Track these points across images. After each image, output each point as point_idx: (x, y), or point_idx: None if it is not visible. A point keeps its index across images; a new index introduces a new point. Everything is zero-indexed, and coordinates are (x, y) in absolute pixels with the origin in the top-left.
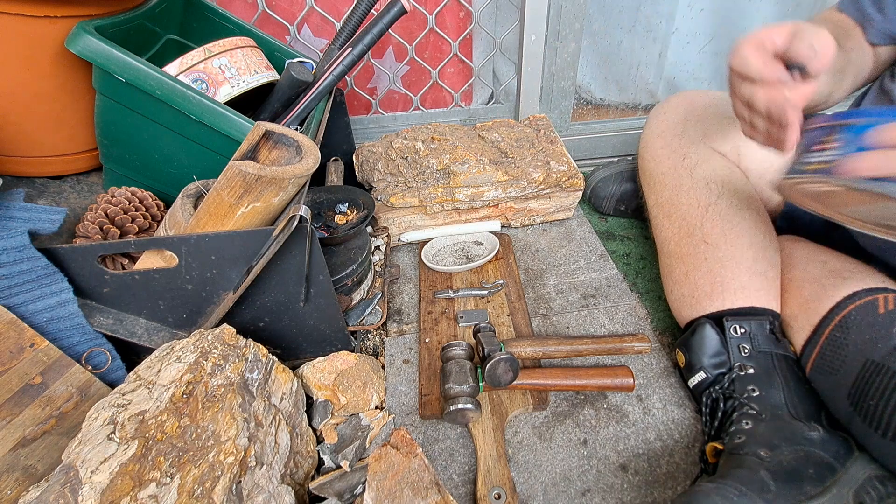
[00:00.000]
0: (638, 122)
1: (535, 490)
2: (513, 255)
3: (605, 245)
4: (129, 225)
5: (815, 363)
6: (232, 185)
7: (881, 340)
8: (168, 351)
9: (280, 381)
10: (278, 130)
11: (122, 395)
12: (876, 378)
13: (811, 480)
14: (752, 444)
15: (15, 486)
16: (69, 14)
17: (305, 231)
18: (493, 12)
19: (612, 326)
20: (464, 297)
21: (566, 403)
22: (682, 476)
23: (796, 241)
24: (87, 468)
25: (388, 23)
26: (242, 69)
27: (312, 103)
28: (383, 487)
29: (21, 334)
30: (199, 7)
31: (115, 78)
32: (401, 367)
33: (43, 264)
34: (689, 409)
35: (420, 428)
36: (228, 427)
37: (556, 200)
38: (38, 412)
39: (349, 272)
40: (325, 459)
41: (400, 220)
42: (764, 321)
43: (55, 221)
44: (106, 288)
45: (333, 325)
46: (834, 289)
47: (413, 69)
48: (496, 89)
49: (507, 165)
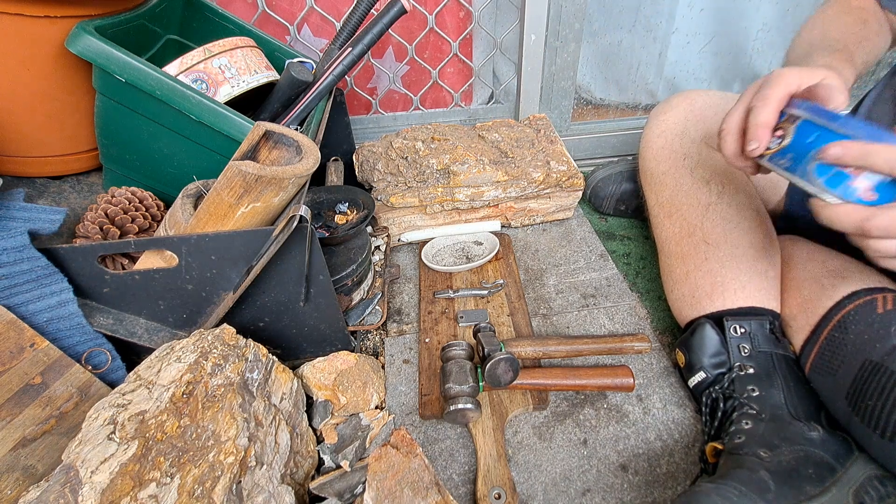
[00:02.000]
0: (638, 122)
1: (535, 490)
2: (513, 255)
3: (605, 245)
4: (129, 225)
5: (814, 363)
6: (232, 185)
7: (879, 340)
8: (168, 351)
9: (280, 381)
10: (278, 130)
11: (123, 395)
12: (874, 378)
13: (811, 480)
14: (752, 444)
15: (15, 486)
16: (69, 14)
17: (305, 231)
18: (493, 12)
19: (612, 326)
20: (464, 297)
21: (566, 403)
22: (682, 476)
23: (796, 241)
24: (87, 468)
25: (388, 23)
26: (242, 69)
27: (312, 103)
28: (383, 487)
29: (21, 334)
30: (199, 7)
31: (115, 78)
32: (401, 367)
33: (43, 264)
34: (689, 409)
35: (420, 428)
36: (228, 427)
37: (556, 200)
38: (39, 412)
39: (349, 272)
40: (325, 459)
41: (400, 220)
42: (764, 321)
43: (55, 221)
44: (106, 288)
45: (333, 325)
46: (833, 289)
47: (413, 69)
48: (496, 89)
49: (507, 165)
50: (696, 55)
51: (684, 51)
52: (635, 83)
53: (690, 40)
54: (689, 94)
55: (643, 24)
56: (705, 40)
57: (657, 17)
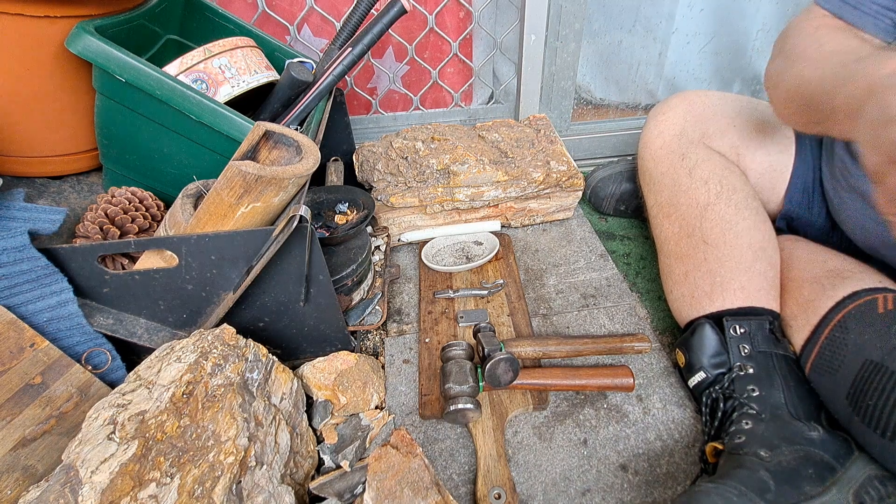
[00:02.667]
0: (638, 122)
1: (535, 490)
2: (513, 255)
3: (605, 245)
4: (129, 225)
5: (815, 363)
6: (232, 185)
7: (880, 340)
8: (168, 351)
9: (280, 381)
10: (278, 130)
11: (122, 395)
12: (875, 378)
13: (811, 480)
14: (752, 444)
15: (15, 486)
16: (69, 14)
17: (305, 231)
18: (493, 12)
19: (612, 326)
20: (464, 297)
21: (566, 403)
22: (682, 476)
23: (796, 240)
24: (87, 468)
25: (388, 23)
26: (242, 69)
27: (312, 103)
28: (383, 487)
29: (21, 334)
30: (199, 7)
31: (115, 78)
32: (401, 367)
33: (43, 264)
34: (689, 409)
35: (420, 428)
36: (228, 427)
37: (556, 200)
38: (38, 412)
39: (349, 272)
40: (325, 459)
41: (400, 220)
42: (763, 321)
43: (55, 221)
44: (106, 288)
45: (333, 325)
46: (833, 289)
47: (413, 69)
48: (496, 89)
49: (507, 165)
50: (696, 55)
51: (684, 51)
52: (635, 83)
53: (690, 40)
54: (687, 95)
55: (643, 25)
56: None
57: (657, 17)
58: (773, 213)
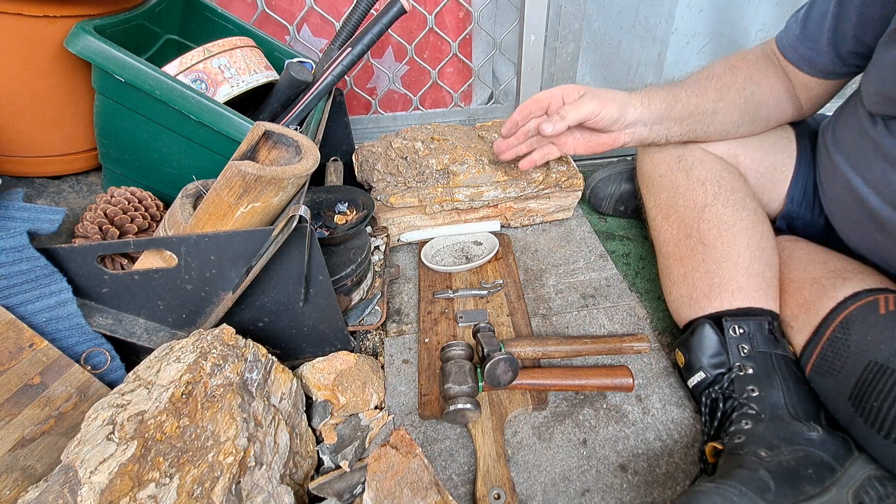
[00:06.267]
0: None
1: (535, 490)
2: (512, 255)
3: (605, 245)
4: (129, 225)
5: (816, 364)
6: (231, 184)
7: (884, 341)
8: (167, 351)
9: (280, 382)
10: (278, 130)
11: (122, 395)
12: (879, 379)
13: (811, 480)
14: (752, 444)
15: (14, 487)
16: (68, 14)
17: (305, 231)
18: (492, 12)
19: (611, 326)
20: (463, 297)
21: (566, 403)
22: (681, 476)
23: (796, 241)
24: (86, 468)
25: (388, 23)
26: (242, 69)
27: (312, 103)
28: (383, 487)
29: (20, 334)
30: (199, 7)
31: (114, 78)
32: (400, 368)
33: (42, 264)
34: (689, 409)
35: (420, 428)
36: (228, 427)
37: (556, 200)
38: (38, 412)
39: (349, 272)
40: (324, 459)
41: (399, 220)
42: (762, 321)
43: (54, 221)
44: (105, 288)
45: (333, 325)
46: (834, 289)
47: (413, 69)
48: (496, 89)
49: (507, 165)
50: (696, 56)
51: (684, 51)
52: (635, 83)
53: (690, 41)
54: None
55: (643, 25)
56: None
57: (657, 17)
58: (775, 213)
